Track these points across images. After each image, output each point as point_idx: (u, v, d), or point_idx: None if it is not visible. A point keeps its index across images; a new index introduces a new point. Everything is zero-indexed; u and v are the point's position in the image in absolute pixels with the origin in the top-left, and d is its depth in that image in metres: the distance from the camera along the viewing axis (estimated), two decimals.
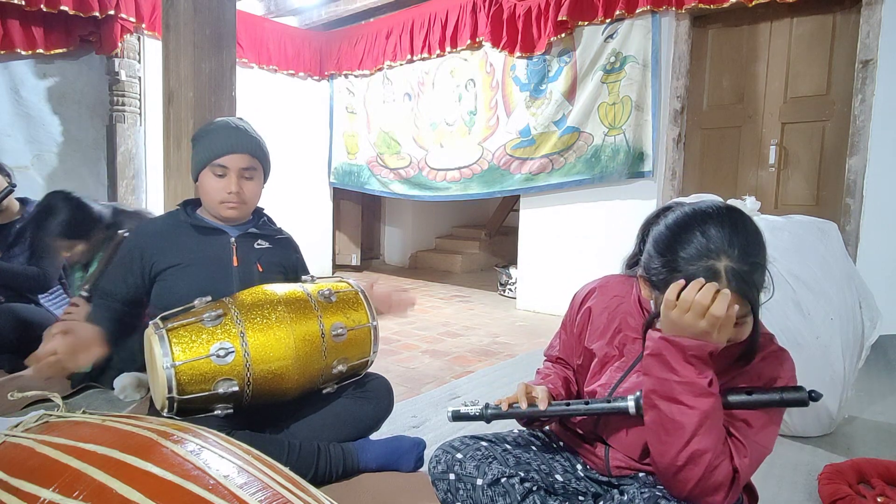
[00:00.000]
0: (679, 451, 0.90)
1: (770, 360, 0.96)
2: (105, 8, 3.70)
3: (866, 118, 2.92)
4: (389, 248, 6.75)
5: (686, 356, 0.91)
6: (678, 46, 3.48)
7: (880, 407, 2.24)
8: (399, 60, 4.76)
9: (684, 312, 0.89)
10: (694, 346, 0.90)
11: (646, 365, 0.96)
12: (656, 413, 0.93)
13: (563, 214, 4.04)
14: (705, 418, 0.89)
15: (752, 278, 0.90)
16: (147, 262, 1.57)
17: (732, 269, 0.90)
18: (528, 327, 3.71)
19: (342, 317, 1.55)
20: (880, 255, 2.90)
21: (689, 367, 0.91)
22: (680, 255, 0.93)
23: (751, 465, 0.93)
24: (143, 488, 0.69)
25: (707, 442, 0.89)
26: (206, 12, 2.00)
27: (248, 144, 1.60)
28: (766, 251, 0.95)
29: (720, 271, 0.90)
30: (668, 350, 0.92)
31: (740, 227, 0.93)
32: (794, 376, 0.97)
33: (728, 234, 0.91)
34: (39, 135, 3.80)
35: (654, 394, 0.94)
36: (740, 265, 0.90)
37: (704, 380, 0.91)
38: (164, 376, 1.31)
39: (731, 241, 0.91)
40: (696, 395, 0.90)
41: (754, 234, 0.94)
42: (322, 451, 1.51)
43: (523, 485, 1.05)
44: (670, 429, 0.91)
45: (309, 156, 5.41)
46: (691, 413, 0.90)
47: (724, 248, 0.91)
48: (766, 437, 0.95)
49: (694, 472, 0.90)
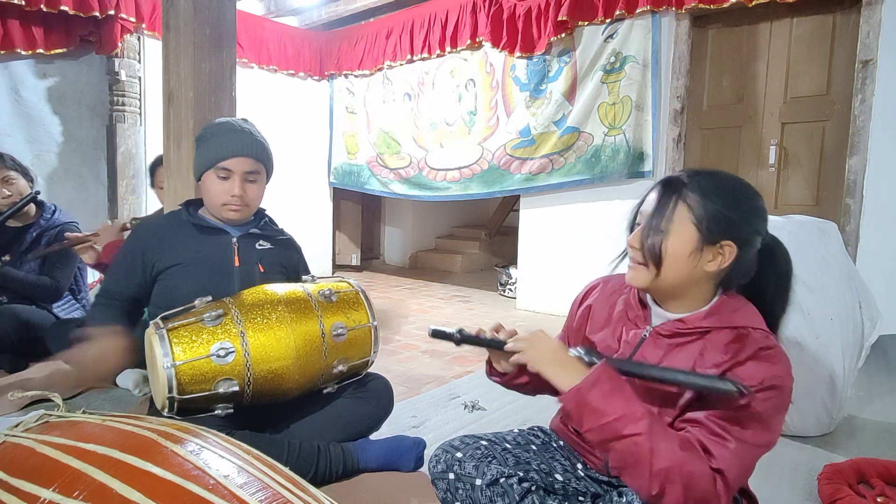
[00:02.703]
0: (650, 479, 0.87)
1: (763, 359, 0.93)
2: (105, 8, 3.69)
3: (866, 118, 2.92)
4: (389, 248, 6.75)
5: (603, 391, 0.91)
6: (678, 46, 3.48)
7: (880, 407, 2.24)
8: (399, 60, 4.76)
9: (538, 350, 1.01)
10: (599, 379, 0.92)
11: (577, 422, 0.95)
12: (615, 454, 0.91)
13: (563, 214, 4.04)
14: (651, 434, 0.88)
15: (686, 192, 0.97)
16: (149, 261, 1.57)
17: (676, 178, 1.00)
18: (529, 327, 3.70)
19: (343, 317, 1.55)
20: (880, 255, 2.90)
21: (613, 399, 0.91)
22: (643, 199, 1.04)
23: (741, 465, 0.90)
24: (144, 488, 0.69)
25: (665, 454, 0.87)
26: (206, 12, 2.00)
27: (252, 148, 1.61)
28: (735, 201, 0.97)
29: (672, 178, 1.01)
30: (586, 398, 0.92)
31: (716, 171, 1.02)
32: (789, 374, 0.94)
33: (700, 168, 1.02)
34: (39, 135, 3.80)
35: (603, 441, 0.92)
36: (689, 179, 0.98)
37: (631, 402, 0.91)
38: (164, 376, 1.31)
39: (698, 170, 1.01)
40: (636, 420, 0.89)
41: (728, 180, 1.00)
42: (322, 451, 1.51)
43: (522, 485, 1.05)
44: (632, 462, 0.89)
45: (309, 156, 5.41)
46: (641, 439, 0.88)
47: (689, 170, 1.02)
48: (755, 435, 0.90)
49: (675, 489, 0.86)
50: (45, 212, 2.67)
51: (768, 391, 0.91)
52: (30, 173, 2.67)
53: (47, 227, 2.63)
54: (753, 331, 0.96)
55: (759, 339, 0.95)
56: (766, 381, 0.91)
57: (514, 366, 1.14)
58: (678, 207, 0.98)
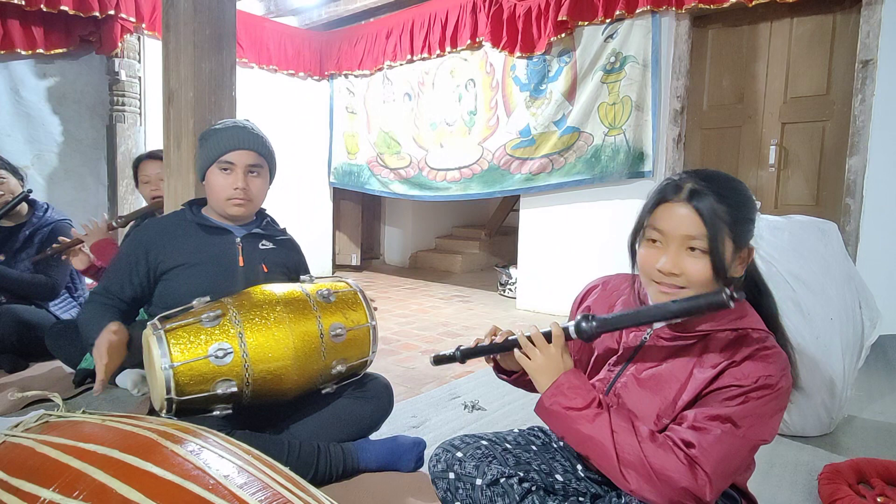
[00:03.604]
0: (620, 474, 0.92)
1: (759, 359, 0.92)
2: (105, 8, 3.69)
3: (866, 118, 2.92)
4: (389, 248, 6.75)
5: (565, 396, 0.98)
6: (678, 46, 3.48)
7: (880, 407, 2.24)
8: (399, 60, 4.76)
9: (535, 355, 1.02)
10: (559, 386, 0.98)
11: (555, 430, 1.02)
12: (587, 453, 0.97)
13: (563, 214, 4.04)
14: (612, 430, 0.93)
15: (716, 206, 0.92)
16: (153, 261, 1.57)
17: (695, 188, 0.94)
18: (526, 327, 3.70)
19: (341, 317, 1.55)
20: (880, 255, 2.90)
21: (575, 398, 0.97)
22: (648, 197, 1.01)
23: (723, 456, 0.88)
24: (144, 488, 0.69)
25: (628, 449, 0.91)
26: (206, 12, 2.00)
27: (254, 142, 1.61)
28: (748, 208, 0.96)
29: (682, 186, 0.95)
30: (549, 407, 0.99)
31: (714, 171, 0.98)
32: (787, 376, 0.93)
33: (697, 169, 0.98)
34: (39, 135, 3.80)
35: (580, 446, 0.97)
36: (705, 189, 0.93)
37: (592, 403, 0.96)
38: (162, 377, 1.30)
39: (698, 172, 0.97)
40: (591, 419, 0.95)
41: (734, 182, 0.98)
42: (322, 451, 1.51)
43: (522, 485, 1.05)
44: (602, 463, 0.94)
45: (309, 156, 5.40)
46: (601, 437, 0.94)
47: (689, 174, 0.97)
48: (745, 430, 0.89)
49: (644, 482, 0.90)
50: (38, 210, 2.67)
51: (761, 390, 0.90)
52: (20, 172, 2.66)
53: (40, 224, 2.62)
54: (753, 332, 0.96)
55: (758, 340, 0.95)
56: (760, 380, 0.91)
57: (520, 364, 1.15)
58: (719, 225, 0.92)
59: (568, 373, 1.00)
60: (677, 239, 0.94)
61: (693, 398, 0.96)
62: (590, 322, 1.00)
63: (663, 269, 0.95)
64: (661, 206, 0.97)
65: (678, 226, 0.94)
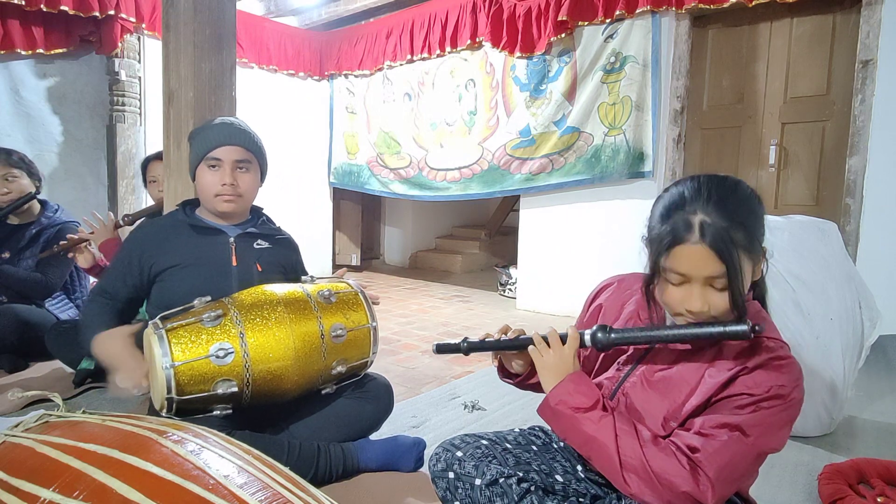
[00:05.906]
0: (621, 478, 0.92)
1: (773, 368, 0.91)
2: (105, 8, 3.69)
3: (866, 118, 2.92)
4: (389, 248, 6.75)
5: (571, 398, 0.99)
6: (678, 46, 3.48)
7: (880, 407, 2.24)
8: (399, 60, 4.76)
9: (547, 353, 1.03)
10: (566, 386, 0.99)
11: (558, 430, 1.02)
12: (590, 458, 0.98)
13: (563, 214, 4.04)
14: (616, 434, 0.94)
15: (731, 235, 0.87)
16: (146, 262, 1.57)
17: (706, 221, 0.88)
18: (529, 327, 3.70)
19: (341, 317, 1.55)
20: (880, 255, 2.90)
21: (579, 398, 0.98)
22: (655, 216, 0.95)
23: (728, 462, 0.87)
24: (143, 488, 0.69)
25: (627, 452, 0.92)
26: (206, 12, 1.99)
27: (240, 137, 1.61)
28: (758, 216, 0.93)
29: (693, 223, 0.89)
30: (555, 408, 1.00)
31: (721, 182, 0.93)
32: (800, 387, 0.92)
33: (704, 185, 0.91)
34: (39, 135, 3.80)
35: (583, 448, 0.98)
36: (716, 218, 0.87)
37: (591, 407, 0.97)
38: (163, 377, 1.30)
39: (709, 194, 0.89)
40: (596, 421, 0.96)
41: (739, 192, 0.93)
42: (322, 451, 1.51)
43: (521, 485, 1.05)
44: (604, 464, 0.95)
45: (309, 156, 5.40)
46: (605, 439, 0.94)
47: (698, 199, 0.90)
48: (754, 439, 0.88)
49: (645, 486, 0.90)
50: (48, 210, 2.69)
51: (773, 399, 0.89)
52: (37, 172, 2.67)
53: (48, 224, 2.64)
54: (768, 340, 0.94)
55: (772, 349, 0.93)
56: (772, 389, 0.89)
57: (527, 366, 1.15)
58: (736, 256, 0.88)
59: (574, 374, 1.01)
60: (700, 280, 0.92)
61: (702, 403, 0.95)
62: (606, 333, 1.01)
63: (694, 309, 0.93)
64: (675, 248, 0.92)
65: (698, 268, 0.91)
